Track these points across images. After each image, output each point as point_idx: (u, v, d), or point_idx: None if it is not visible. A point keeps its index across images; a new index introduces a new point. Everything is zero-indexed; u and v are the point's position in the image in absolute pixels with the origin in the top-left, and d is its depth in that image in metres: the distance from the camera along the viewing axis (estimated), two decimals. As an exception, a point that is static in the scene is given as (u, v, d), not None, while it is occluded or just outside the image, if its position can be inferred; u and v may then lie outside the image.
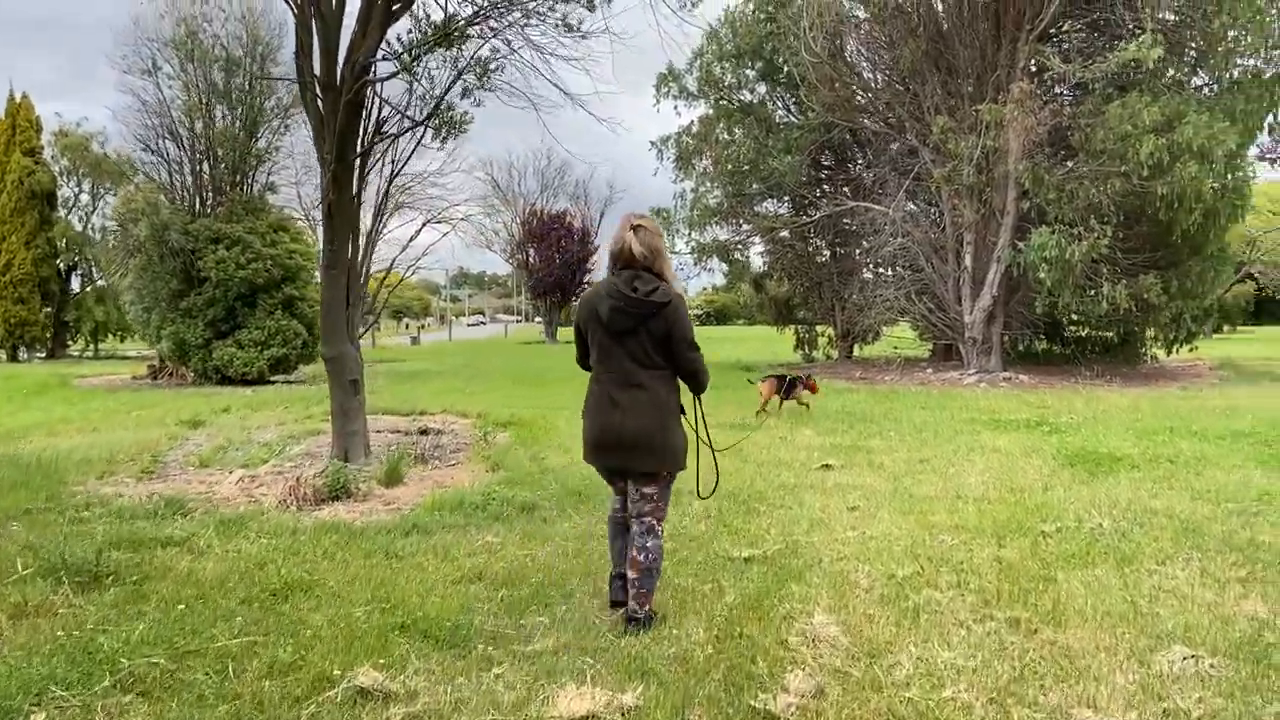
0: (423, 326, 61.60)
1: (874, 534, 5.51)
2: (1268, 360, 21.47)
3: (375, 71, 6.22)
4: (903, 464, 7.85)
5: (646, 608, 3.91)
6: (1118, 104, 13.99)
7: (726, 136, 20.13)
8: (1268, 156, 19.98)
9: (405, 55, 5.88)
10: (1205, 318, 16.97)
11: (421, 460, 8.03)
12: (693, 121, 20.18)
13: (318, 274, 25.07)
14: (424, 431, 9.74)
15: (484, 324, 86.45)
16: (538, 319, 55.82)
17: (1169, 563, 4.83)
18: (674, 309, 3.76)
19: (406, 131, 6.55)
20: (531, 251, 38.23)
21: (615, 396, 3.84)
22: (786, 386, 11.39)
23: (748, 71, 19.81)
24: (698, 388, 4.07)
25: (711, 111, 20.54)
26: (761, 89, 20.32)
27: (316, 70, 6.36)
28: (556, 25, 6.34)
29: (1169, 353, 18.71)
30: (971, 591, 4.37)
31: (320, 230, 7.06)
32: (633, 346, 3.80)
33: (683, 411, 3.98)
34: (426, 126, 6.50)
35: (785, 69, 18.92)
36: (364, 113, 6.27)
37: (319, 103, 6.37)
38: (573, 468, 7.60)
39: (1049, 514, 5.91)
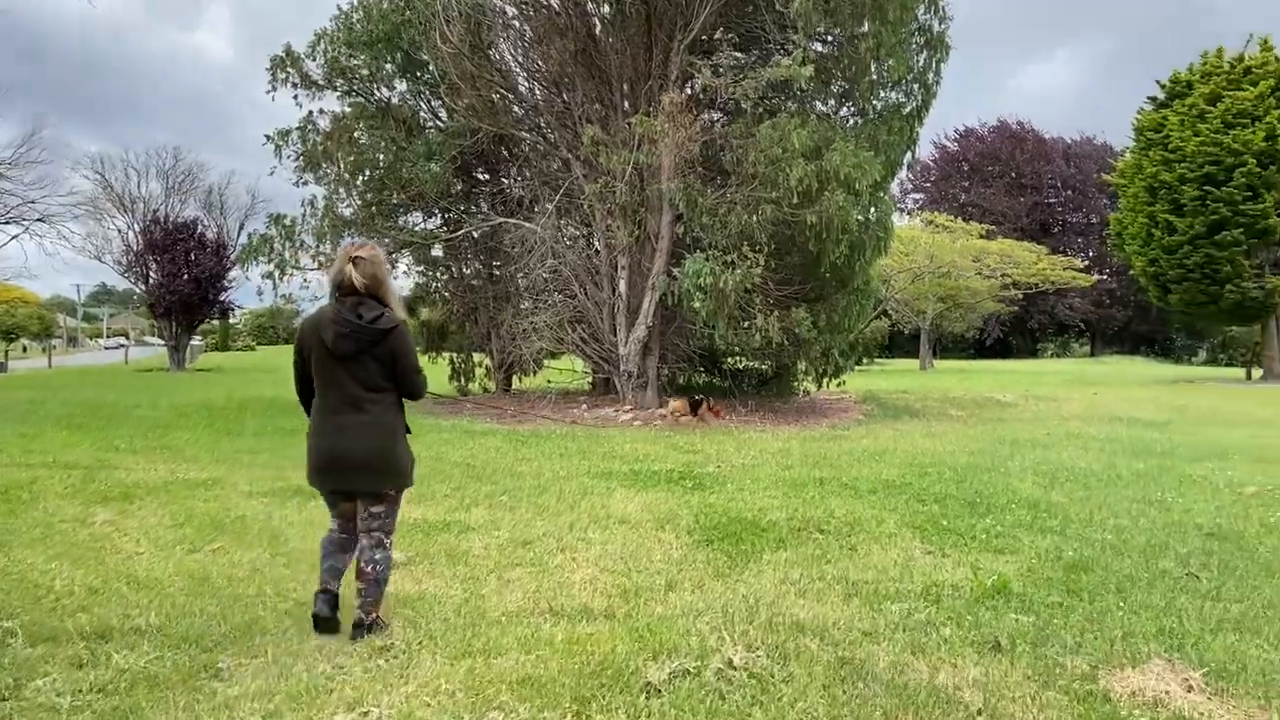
0: (51, 348, 51.48)
1: (387, 713, 3.33)
2: (904, 393, 22.34)
3: None
4: (497, 551, 5.77)
5: (373, 615, 4.06)
6: (768, 124, 13.21)
7: (366, 140, 17.48)
8: (899, 207, 21.03)
9: None
10: (851, 352, 16.87)
11: None
12: (312, 113, 17.23)
13: None
14: None
15: (125, 347, 75.67)
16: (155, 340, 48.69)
17: (823, 749, 3.08)
18: (399, 335, 3.94)
19: None
20: (152, 265, 32.53)
21: (339, 421, 3.95)
22: (694, 405, 14.01)
23: (386, 65, 17.28)
24: (414, 399, 4.20)
25: (348, 109, 17.78)
26: (401, 86, 17.88)
27: None
28: None
29: (819, 387, 18.61)
30: None
31: None
32: (357, 371, 3.92)
33: (408, 431, 4.15)
34: None
35: (429, 65, 16.68)
36: None
37: None
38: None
39: (664, 642, 4.05)
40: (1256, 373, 30.45)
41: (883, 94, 15.16)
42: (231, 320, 64.89)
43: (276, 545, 5.85)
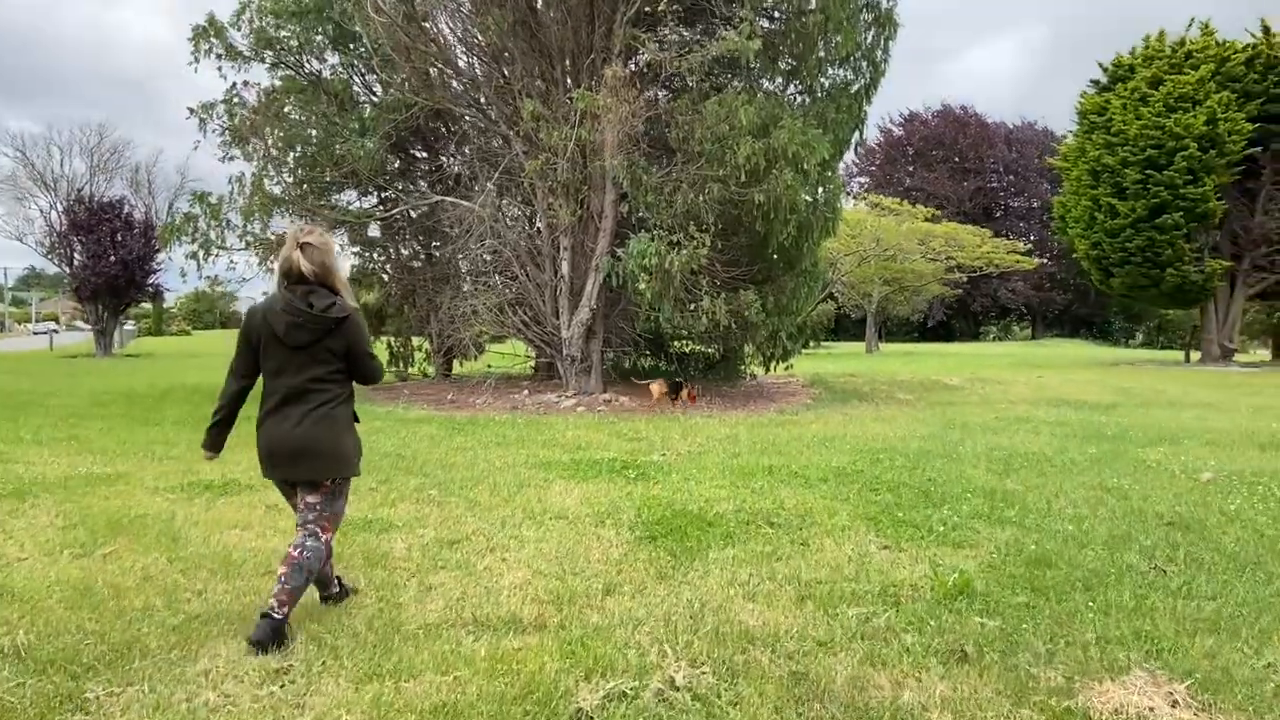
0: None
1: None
2: (851, 376, 22.16)
3: None
4: (420, 553, 5.29)
5: (285, 610, 3.74)
6: (715, 101, 12.78)
7: (296, 114, 16.67)
8: (845, 190, 20.69)
9: None
10: (799, 335, 16.57)
11: None
12: (236, 84, 16.36)
13: None
14: None
15: (56, 332, 72.97)
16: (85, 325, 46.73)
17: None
18: (352, 323, 3.91)
19: None
20: (77, 246, 31.07)
21: (289, 409, 3.88)
22: (674, 388, 14.11)
23: (316, 36, 16.45)
24: (369, 385, 4.28)
25: (278, 82, 16.95)
26: (333, 58, 17.07)
27: None
28: None
29: (767, 370, 18.31)
30: None
31: None
32: (308, 360, 3.86)
33: (356, 420, 4.11)
34: None
35: (362, 37, 15.91)
36: None
37: None
38: None
39: (599, 658, 3.63)
40: (1195, 355, 30.95)
41: (831, 71, 14.81)
42: (165, 304, 62.80)
43: (175, 549, 5.32)
